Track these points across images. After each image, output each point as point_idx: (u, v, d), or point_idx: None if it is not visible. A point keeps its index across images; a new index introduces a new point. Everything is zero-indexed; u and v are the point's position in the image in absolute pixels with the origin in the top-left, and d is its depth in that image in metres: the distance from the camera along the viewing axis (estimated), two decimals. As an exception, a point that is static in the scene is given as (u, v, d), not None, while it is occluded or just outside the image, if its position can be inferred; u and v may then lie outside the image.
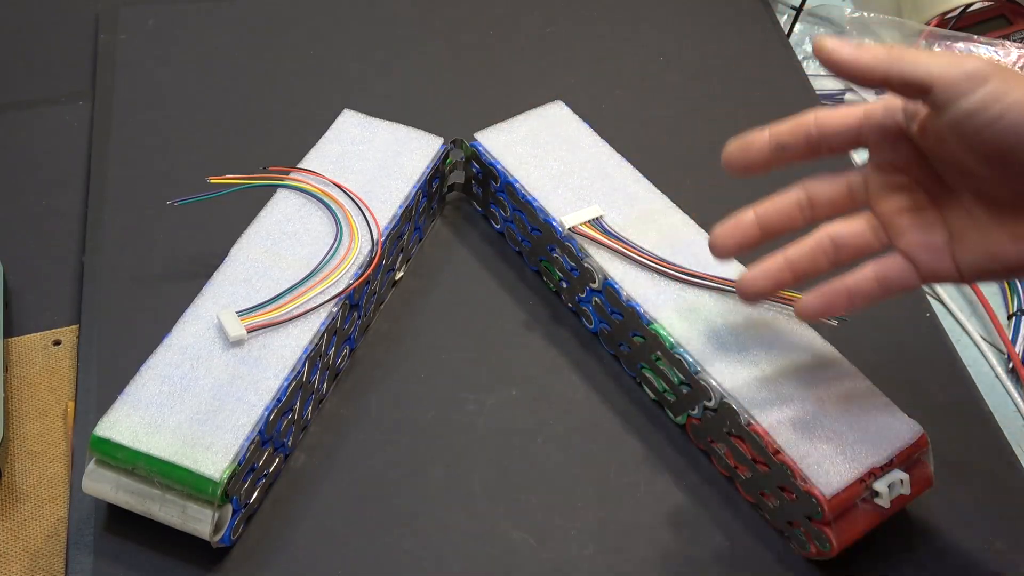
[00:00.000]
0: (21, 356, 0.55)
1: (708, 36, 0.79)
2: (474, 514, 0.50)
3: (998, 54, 0.82)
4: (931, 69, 0.38)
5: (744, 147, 0.46)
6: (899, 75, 0.39)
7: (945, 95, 0.38)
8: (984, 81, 0.37)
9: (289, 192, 0.56)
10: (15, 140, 0.66)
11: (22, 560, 0.48)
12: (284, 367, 0.48)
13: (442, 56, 0.75)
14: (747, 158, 0.46)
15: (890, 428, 0.48)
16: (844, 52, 0.40)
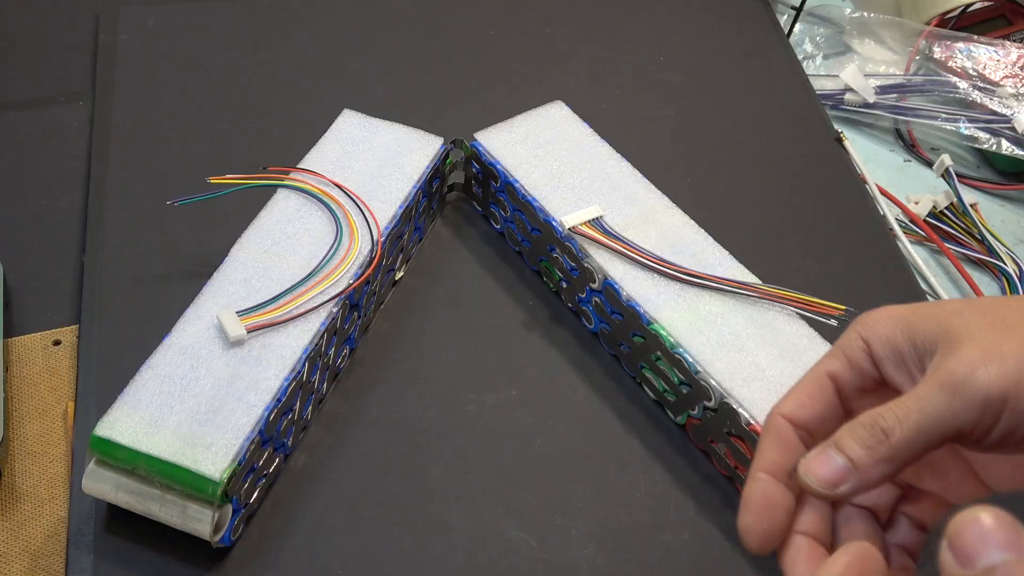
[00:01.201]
0: (21, 356, 0.55)
1: (708, 36, 0.79)
2: (474, 514, 0.50)
3: (998, 54, 0.82)
4: (940, 431, 0.32)
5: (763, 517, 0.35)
6: (918, 457, 0.32)
7: (968, 441, 0.32)
8: (1003, 404, 0.31)
9: (289, 192, 0.56)
10: (15, 140, 0.66)
11: (22, 560, 0.48)
12: (284, 367, 0.48)
13: (442, 56, 0.75)
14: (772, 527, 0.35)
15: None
16: (844, 488, 0.32)
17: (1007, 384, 0.31)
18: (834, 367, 0.35)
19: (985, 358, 0.31)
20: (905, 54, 0.84)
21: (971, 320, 0.33)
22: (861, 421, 0.33)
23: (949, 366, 0.32)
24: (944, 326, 0.33)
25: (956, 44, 0.83)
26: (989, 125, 0.79)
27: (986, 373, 0.31)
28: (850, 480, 0.32)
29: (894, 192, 0.73)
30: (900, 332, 0.34)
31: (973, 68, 0.82)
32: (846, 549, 0.28)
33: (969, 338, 0.32)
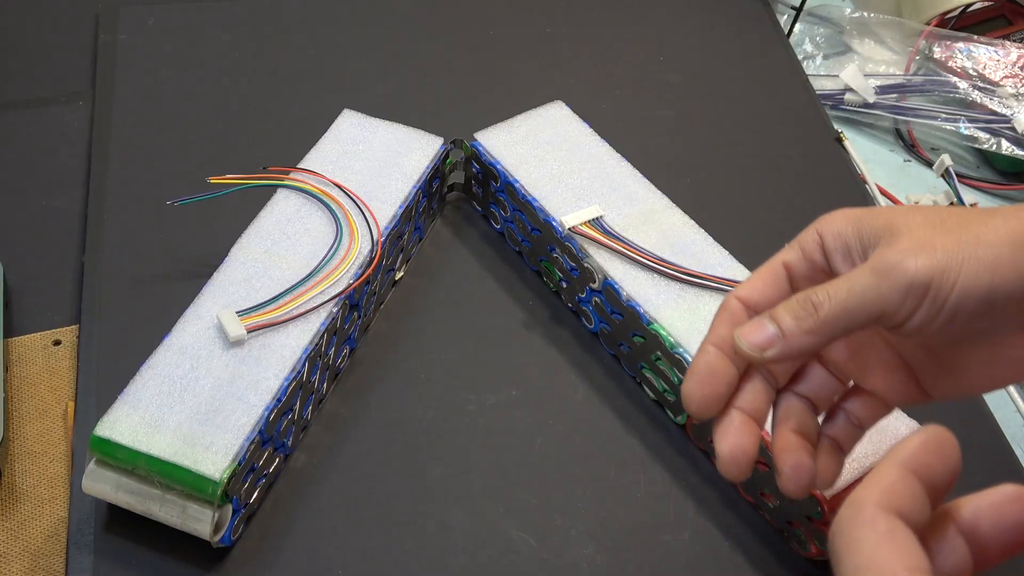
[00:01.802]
0: (21, 356, 0.55)
1: (708, 36, 0.79)
2: (474, 514, 0.50)
3: (998, 54, 0.82)
4: (865, 309, 0.34)
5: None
6: (842, 333, 0.35)
7: (891, 323, 0.35)
8: (924, 290, 0.34)
9: (289, 192, 0.56)
10: (15, 140, 0.66)
11: (22, 560, 0.48)
12: (284, 367, 0.48)
13: (442, 56, 0.75)
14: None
15: (890, 428, 0.48)
16: (770, 352, 0.35)
17: (932, 273, 0.33)
18: (789, 257, 0.38)
19: (917, 249, 0.34)
20: (905, 54, 0.84)
21: (913, 219, 0.35)
22: (796, 296, 0.35)
23: (883, 254, 0.34)
24: (889, 223, 0.35)
25: (956, 44, 0.83)
26: (989, 125, 0.79)
27: (914, 261, 0.34)
28: (777, 346, 0.35)
29: (894, 192, 0.74)
30: (851, 228, 0.36)
31: (973, 68, 0.82)
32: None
33: (907, 232, 0.35)
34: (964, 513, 0.28)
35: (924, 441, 0.28)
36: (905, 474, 0.27)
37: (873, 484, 0.27)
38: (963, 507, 0.28)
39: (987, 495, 0.28)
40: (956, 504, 0.28)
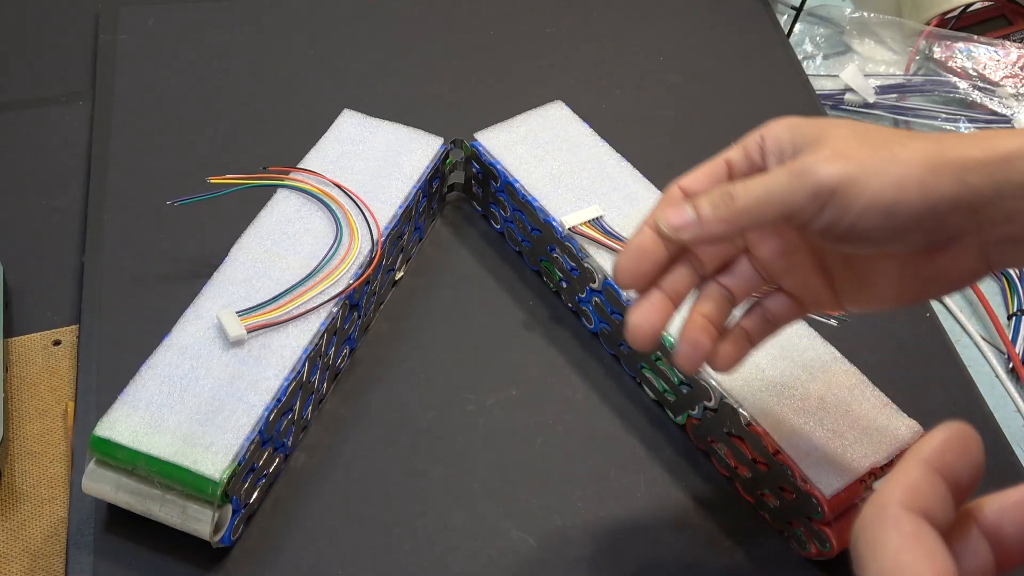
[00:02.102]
0: (21, 356, 0.55)
1: (708, 36, 0.79)
2: (474, 514, 0.50)
3: (998, 54, 0.82)
4: (775, 205, 0.37)
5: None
6: (753, 224, 0.38)
7: (798, 221, 0.37)
8: (831, 195, 0.36)
9: (289, 192, 0.56)
10: (15, 140, 0.66)
11: (22, 560, 0.48)
12: (284, 367, 0.48)
13: (442, 56, 0.75)
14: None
15: (890, 428, 0.48)
16: (686, 234, 0.39)
17: (840, 180, 0.36)
18: (732, 155, 0.41)
19: (833, 157, 0.36)
20: (905, 54, 0.84)
21: (841, 131, 0.38)
22: (719, 187, 0.39)
23: (802, 158, 0.37)
24: (820, 131, 0.38)
25: (956, 44, 0.83)
26: (989, 125, 0.79)
27: (826, 167, 0.36)
28: (692, 229, 0.39)
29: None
30: (788, 133, 0.39)
31: (973, 68, 0.82)
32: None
33: (832, 142, 0.37)
34: (987, 513, 0.27)
35: (947, 439, 0.27)
36: (929, 472, 0.27)
37: (896, 483, 0.27)
38: (986, 507, 0.28)
39: (1010, 494, 0.28)
40: (978, 504, 0.28)
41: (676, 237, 0.39)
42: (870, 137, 0.37)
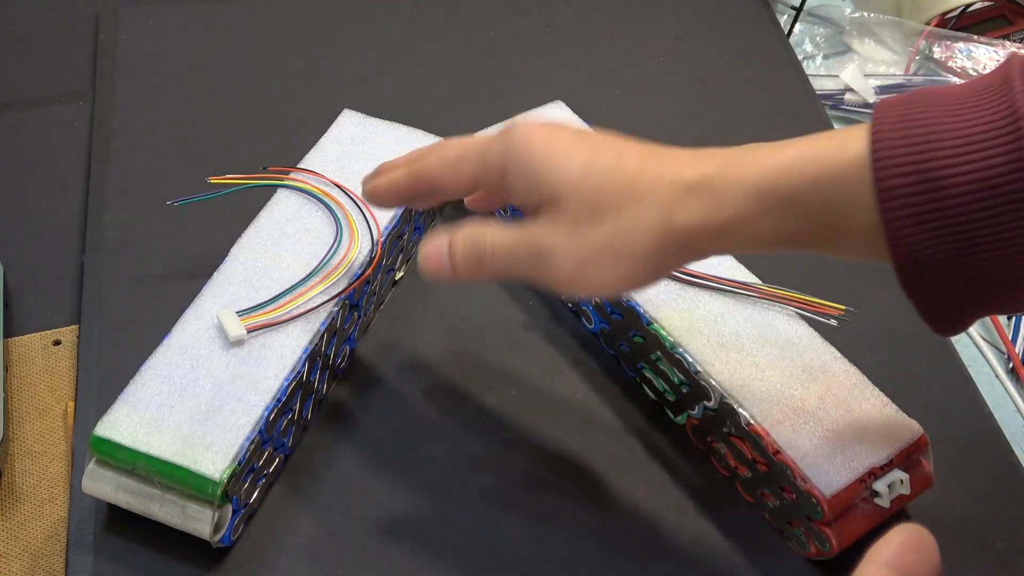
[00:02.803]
0: (21, 356, 0.55)
1: (708, 36, 0.79)
2: (474, 514, 0.50)
3: (998, 54, 0.82)
4: (516, 275, 0.42)
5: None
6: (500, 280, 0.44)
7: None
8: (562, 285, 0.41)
9: (289, 192, 0.56)
10: (15, 140, 0.66)
11: (22, 560, 0.48)
12: (284, 367, 0.48)
13: (442, 56, 0.75)
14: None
15: (890, 428, 0.48)
16: (442, 278, 0.43)
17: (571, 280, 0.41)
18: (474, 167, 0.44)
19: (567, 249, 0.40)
20: (905, 54, 0.84)
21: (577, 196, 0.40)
22: (470, 239, 0.42)
23: (544, 238, 0.40)
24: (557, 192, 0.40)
25: (956, 44, 0.83)
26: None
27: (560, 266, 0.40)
28: (449, 280, 0.43)
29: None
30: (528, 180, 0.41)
31: (973, 68, 0.82)
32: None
33: (567, 212, 0.40)
34: None
35: (905, 541, 0.29)
36: (890, 573, 0.29)
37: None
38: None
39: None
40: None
41: (435, 280, 0.44)
42: (604, 207, 0.39)
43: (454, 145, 0.44)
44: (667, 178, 0.40)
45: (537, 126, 0.42)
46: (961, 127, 0.35)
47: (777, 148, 0.39)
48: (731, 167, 0.39)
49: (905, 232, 0.36)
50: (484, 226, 0.42)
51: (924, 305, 0.39)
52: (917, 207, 0.35)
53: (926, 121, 0.36)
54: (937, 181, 0.35)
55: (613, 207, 0.39)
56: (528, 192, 0.41)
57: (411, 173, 0.45)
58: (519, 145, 0.41)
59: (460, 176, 0.44)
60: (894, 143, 0.36)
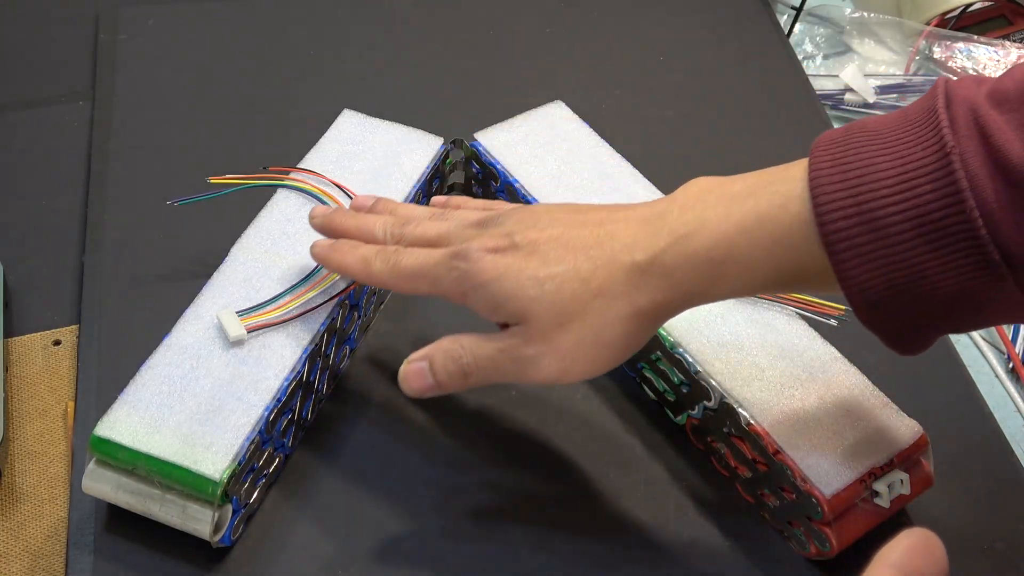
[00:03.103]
0: (21, 356, 0.55)
1: (708, 36, 0.79)
2: (474, 514, 0.50)
3: (998, 54, 0.82)
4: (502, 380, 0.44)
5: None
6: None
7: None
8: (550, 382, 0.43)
9: (289, 192, 0.56)
10: (15, 140, 0.66)
11: (22, 560, 0.48)
12: (284, 367, 0.48)
13: (442, 56, 0.75)
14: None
15: (890, 428, 0.48)
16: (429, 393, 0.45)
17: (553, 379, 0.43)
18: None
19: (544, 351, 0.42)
20: (905, 54, 0.84)
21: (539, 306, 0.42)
22: (451, 355, 0.44)
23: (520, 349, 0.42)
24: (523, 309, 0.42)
25: (956, 44, 0.83)
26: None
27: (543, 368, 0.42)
28: (434, 391, 0.45)
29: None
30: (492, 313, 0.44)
31: (973, 68, 0.82)
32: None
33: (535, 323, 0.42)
34: None
35: (913, 544, 0.30)
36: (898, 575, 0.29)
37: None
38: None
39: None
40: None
41: (420, 397, 0.45)
42: (569, 308, 0.41)
43: (406, 264, 0.45)
44: (620, 265, 0.41)
45: (483, 254, 0.43)
46: (895, 164, 0.37)
47: (723, 205, 0.41)
48: (681, 241, 0.41)
49: (854, 272, 0.37)
50: (460, 339, 0.44)
51: (884, 335, 0.40)
52: (862, 246, 0.37)
53: (860, 163, 0.37)
54: (877, 220, 0.36)
55: (578, 308, 0.41)
56: (492, 314, 0.43)
57: (365, 274, 0.47)
58: (472, 278, 0.43)
59: (414, 291, 0.46)
60: (833, 187, 0.37)
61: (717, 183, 0.43)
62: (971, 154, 0.35)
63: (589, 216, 0.43)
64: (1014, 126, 0.35)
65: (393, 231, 0.47)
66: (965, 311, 0.37)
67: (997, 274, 0.35)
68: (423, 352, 0.45)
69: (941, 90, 0.37)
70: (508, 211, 0.45)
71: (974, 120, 0.36)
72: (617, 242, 0.42)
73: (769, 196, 0.40)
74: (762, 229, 0.39)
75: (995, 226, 0.35)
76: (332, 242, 0.49)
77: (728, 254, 0.40)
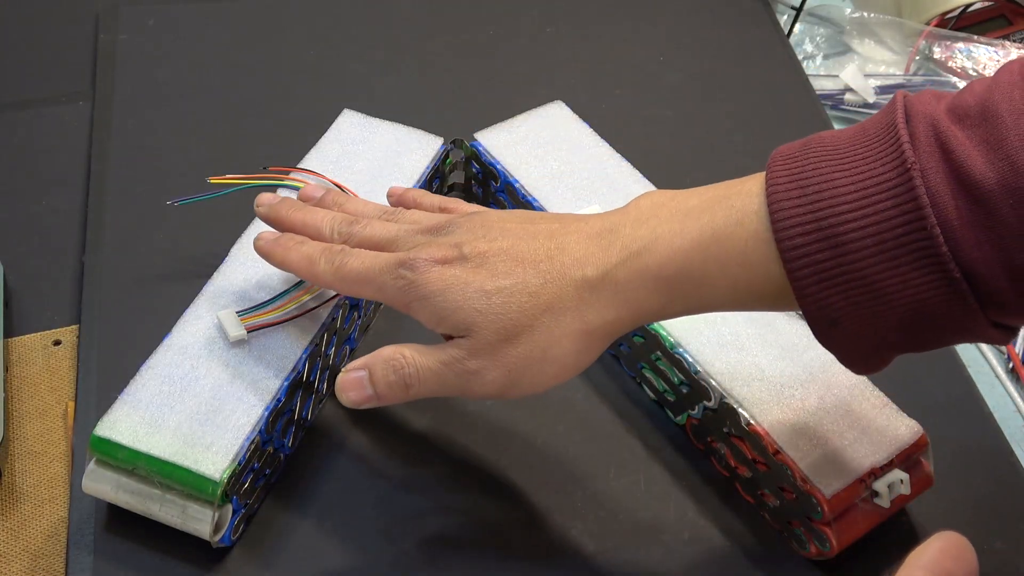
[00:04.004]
0: (21, 356, 0.55)
1: (708, 36, 0.79)
2: (474, 514, 0.50)
3: (998, 54, 0.82)
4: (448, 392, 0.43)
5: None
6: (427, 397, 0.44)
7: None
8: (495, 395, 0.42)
9: (289, 192, 0.56)
10: (15, 140, 0.66)
11: (22, 560, 0.48)
12: (284, 367, 0.48)
13: (442, 56, 0.75)
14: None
15: (890, 428, 0.48)
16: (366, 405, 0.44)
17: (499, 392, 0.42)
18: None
19: (490, 365, 0.41)
20: (905, 54, 0.84)
21: (485, 319, 0.41)
22: (392, 364, 0.42)
23: (465, 362, 0.41)
24: (466, 322, 0.41)
25: (956, 44, 0.83)
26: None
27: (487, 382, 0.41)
28: (372, 402, 0.43)
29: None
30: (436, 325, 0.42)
31: (973, 68, 0.82)
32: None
33: (481, 335, 0.41)
34: None
35: (944, 546, 0.30)
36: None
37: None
38: None
39: None
40: None
41: (357, 407, 0.44)
42: (517, 324, 0.40)
43: (351, 267, 0.44)
44: (570, 280, 0.40)
45: (430, 265, 0.42)
46: (854, 180, 0.36)
47: (676, 221, 0.40)
48: (633, 257, 0.40)
49: (812, 289, 0.37)
50: (402, 349, 0.42)
51: (842, 353, 0.40)
52: (821, 264, 0.36)
53: (818, 178, 0.37)
54: (837, 237, 0.36)
55: (525, 323, 0.40)
56: (437, 326, 0.42)
57: (309, 273, 0.46)
58: (417, 288, 0.42)
59: (358, 295, 0.46)
60: (790, 203, 0.37)
61: (671, 197, 0.42)
62: (932, 170, 0.35)
63: (541, 228, 0.42)
64: (976, 142, 0.35)
65: (341, 229, 0.46)
66: (925, 330, 0.37)
67: (958, 292, 0.35)
68: (362, 361, 0.43)
69: (900, 105, 0.37)
70: (460, 219, 0.44)
71: (935, 136, 0.35)
72: (568, 256, 0.41)
73: (725, 212, 0.39)
74: (718, 246, 0.39)
75: (956, 243, 0.35)
76: (277, 236, 0.47)
77: (681, 271, 0.39)
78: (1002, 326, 0.37)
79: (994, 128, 0.35)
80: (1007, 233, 0.34)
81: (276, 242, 0.47)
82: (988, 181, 0.34)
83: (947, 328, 0.37)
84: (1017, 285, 0.35)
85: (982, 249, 0.35)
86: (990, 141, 0.35)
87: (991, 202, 0.34)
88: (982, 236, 0.35)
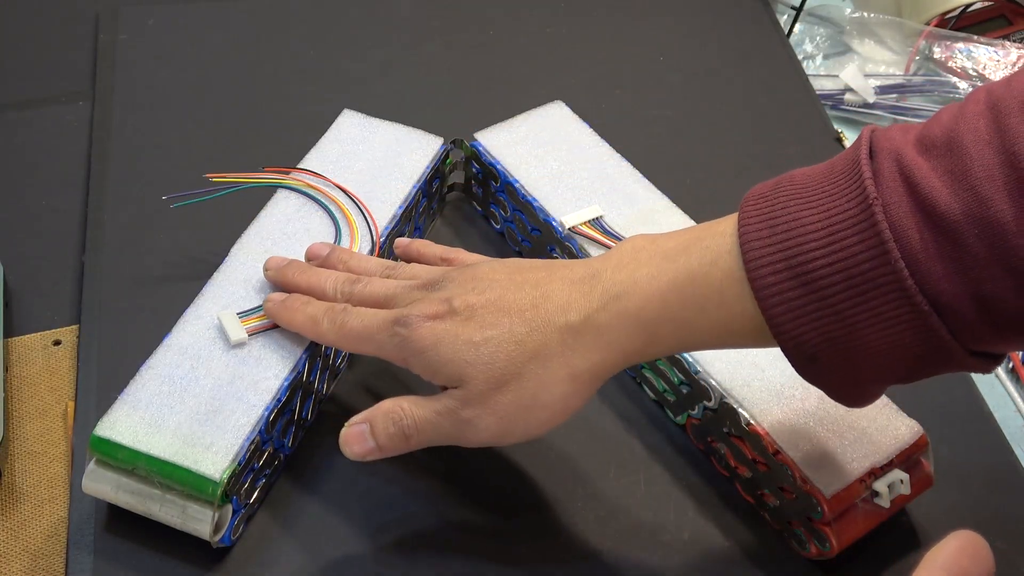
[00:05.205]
0: (21, 356, 0.55)
1: (708, 36, 0.79)
2: (474, 514, 0.50)
3: (998, 54, 0.82)
4: (447, 441, 0.44)
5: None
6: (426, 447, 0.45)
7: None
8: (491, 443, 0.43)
9: (289, 192, 0.56)
10: (15, 140, 0.66)
11: (22, 560, 0.48)
12: (284, 367, 0.48)
13: (442, 56, 0.75)
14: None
15: (890, 428, 0.48)
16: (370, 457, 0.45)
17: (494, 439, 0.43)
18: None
19: (482, 414, 0.42)
20: (905, 54, 0.84)
21: (476, 371, 0.42)
22: (392, 417, 0.44)
23: (459, 411, 0.42)
24: (459, 373, 0.42)
25: (956, 44, 0.83)
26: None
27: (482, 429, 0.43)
28: (375, 455, 0.44)
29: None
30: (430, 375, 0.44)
31: (973, 68, 0.82)
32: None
33: (473, 385, 0.42)
34: None
35: (960, 546, 0.30)
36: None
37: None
38: None
39: None
40: None
41: (362, 460, 0.45)
42: (506, 374, 0.41)
43: (351, 327, 0.46)
44: (554, 326, 0.41)
45: (423, 321, 0.43)
46: (821, 218, 0.37)
47: (654, 264, 0.41)
48: (613, 302, 0.41)
49: (788, 327, 0.37)
50: (401, 402, 0.44)
51: (826, 388, 0.40)
52: (793, 301, 0.37)
53: (786, 217, 0.38)
54: (807, 275, 0.36)
55: (514, 371, 0.41)
56: (432, 377, 0.44)
57: (314, 333, 0.47)
58: (411, 344, 0.43)
59: (360, 352, 0.47)
60: (760, 242, 0.38)
61: (650, 241, 0.43)
62: (896, 204, 0.35)
63: (528, 277, 0.44)
64: (940, 172, 0.35)
65: (343, 288, 0.48)
66: (901, 363, 0.37)
67: (929, 324, 0.35)
68: (363, 415, 0.45)
69: (865, 140, 0.37)
70: (453, 273, 0.45)
71: (899, 170, 0.36)
72: (552, 303, 0.42)
73: (700, 253, 0.40)
74: (693, 286, 0.40)
75: (922, 275, 0.35)
76: (284, 298, 0.49)
77: (660, 313, 0.40)
78: (984, 354, 0.37)
79: (959, 159, 0.35)
80: (973, 263, 0.34)
81: (283, 304, 0.49)
82: (953, 212, 0.34)
83: (926, 359, 0.37)
84: (984, 316, 0.35)
85: (950, 280, 0.35)
86: (955, 172, 0.35)
87: (957, 232, 0.34)
88: (949, 267, 0.35)
